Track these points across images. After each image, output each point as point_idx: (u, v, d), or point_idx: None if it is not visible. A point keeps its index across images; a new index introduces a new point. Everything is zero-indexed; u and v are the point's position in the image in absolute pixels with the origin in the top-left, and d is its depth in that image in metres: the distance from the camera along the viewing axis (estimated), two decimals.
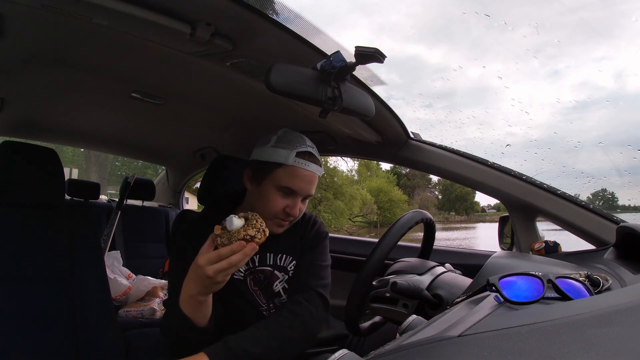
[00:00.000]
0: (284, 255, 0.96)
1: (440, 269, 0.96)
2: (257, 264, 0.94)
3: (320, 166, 0.92)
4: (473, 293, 0.56)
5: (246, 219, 0.72)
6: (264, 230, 0.71)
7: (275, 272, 0.95)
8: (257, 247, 0.70)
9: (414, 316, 0.64)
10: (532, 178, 1.14)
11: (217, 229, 0.71)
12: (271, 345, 0.79)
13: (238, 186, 1.03)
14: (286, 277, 0.96)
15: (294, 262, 0.97)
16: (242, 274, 0.93)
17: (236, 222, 0.70)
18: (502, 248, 1.31)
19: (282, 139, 0.89)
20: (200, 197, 1.23)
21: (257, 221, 0.72)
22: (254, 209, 0.84)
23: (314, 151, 0.91)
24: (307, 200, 0.93)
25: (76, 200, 2.22)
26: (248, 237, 0.69)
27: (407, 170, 23.63)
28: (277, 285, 0.95)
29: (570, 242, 1.08)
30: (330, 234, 1.14)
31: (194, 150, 2.02)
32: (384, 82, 1.08)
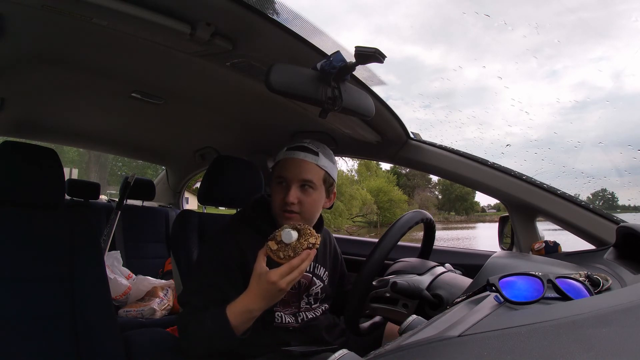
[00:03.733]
0: (319, 266, 1.07)
1: (440, 269, 0.96)
2: None
3: (316, 154, 0.97)
4: (473, 293, 0.56)
5: (297, 230, 0.78)
6: (317, 237, 0.80)
7: (314, 278, 1.04)
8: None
9: (414, 316, 0.64)
10: (532, 178, 1.13)
11: (273, 245, 0.78)
12: None
13: (241, 187, 1.13)
14: (321, 284, 1.05)
15: (327, 272, 1.08)
16: None
17: (294, 234, 0.77)
18: (502, 248, 1.31)
19: (286, 147, 1.00)
20: (200, 197, 1.23)
21: (309, 230, 0.80)
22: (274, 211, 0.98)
23: (310, 144, 0.98)
24: (310, 190, 0.96)
25: (76, 200, 2.22)
26: (311, 245, 0.78)
27: (407, 170, 23.63)
28: (313, 289, 1.04)
29: (570, 242, 1.08)
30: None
31: (194, 150, 2.02)
32: (384, 82, 1.09)
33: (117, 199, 2.27)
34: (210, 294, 0.89)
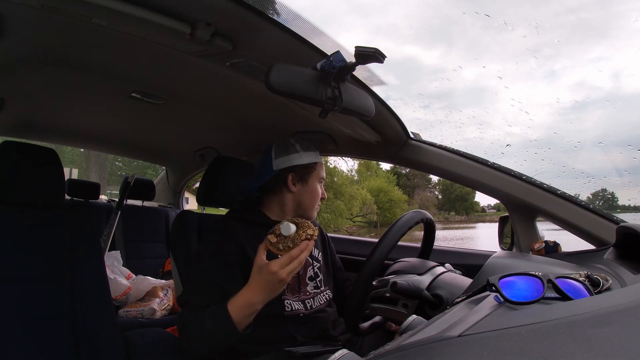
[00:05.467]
0: (313, 247, 1.09)
1: (440, 269, 0.96)
2: None
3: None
4: (473, 293, 0.56)
5: (295, 223, 0.83)
6: (315, 229, 0.84)
7: (310, 259, 1.09)
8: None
9: (414, 316, 0.64)
10: (532, 178, 1.13)
11: (272, 238, 0.81)
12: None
13: (240, 188, 1.14)
14: (318, 264, 1.10)
15: (320, 252, 1.14)
16: None
17: (292, 227, 0.81)
18: (502, 248, 1.31)
19: (302, 144, 1.06)
20: (200, 197, 1.23)
21: (307, 223, 0.84)
22: (300, 205, 1.06)
23: None
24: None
25: (76, 200, 2.21)
26: (309, 236, 0.81)
27: (407, 170, 23.63)
28: (309, 271, 1.08)
29: (570, 242, 1.08)
30: (330, 234, 1.21)
31: (194, 150, 2.02)
32: (384, 82, 1.09)
33: (117, 199, 2.27)
34: (210, 292, 0.90)
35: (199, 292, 0.91)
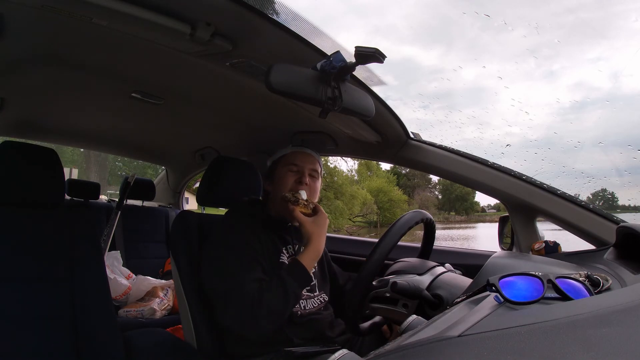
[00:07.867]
0: None
1: (440, 269, 0.96)
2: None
3: (315, 151, 1.16)
4: (473, 293, 0.56)
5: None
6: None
7: None
8: None
9: (414, 316, 0.64)
10: (532, 178, 1.13)
11: (303, 202, 1.03)
12: None
13: (240, 188, 1.19)
14: (312, 270, 1.11)
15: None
16: (287, 258, 1.09)
17: (304, 192, 1.06)
18: (502, 248, 1.31)
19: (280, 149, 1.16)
20: (200, 197, 1.23)
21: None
22: (276, 201, 1.09)
23: (308, 147, 1.17)
24: (315, 178, 1.12)
25: (76, 200, 2.21)
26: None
27: (407, 170, 23.60)
28: None
29: (570, 242, 1.08)
30: (329, 234, 1.21)
31: (194, 150, 2.02)
32: (384, 82, 1.08)
33: (117, 199, 2.27)
34: (255, 267, 0.98)
35: (248, 268, 0.97)
